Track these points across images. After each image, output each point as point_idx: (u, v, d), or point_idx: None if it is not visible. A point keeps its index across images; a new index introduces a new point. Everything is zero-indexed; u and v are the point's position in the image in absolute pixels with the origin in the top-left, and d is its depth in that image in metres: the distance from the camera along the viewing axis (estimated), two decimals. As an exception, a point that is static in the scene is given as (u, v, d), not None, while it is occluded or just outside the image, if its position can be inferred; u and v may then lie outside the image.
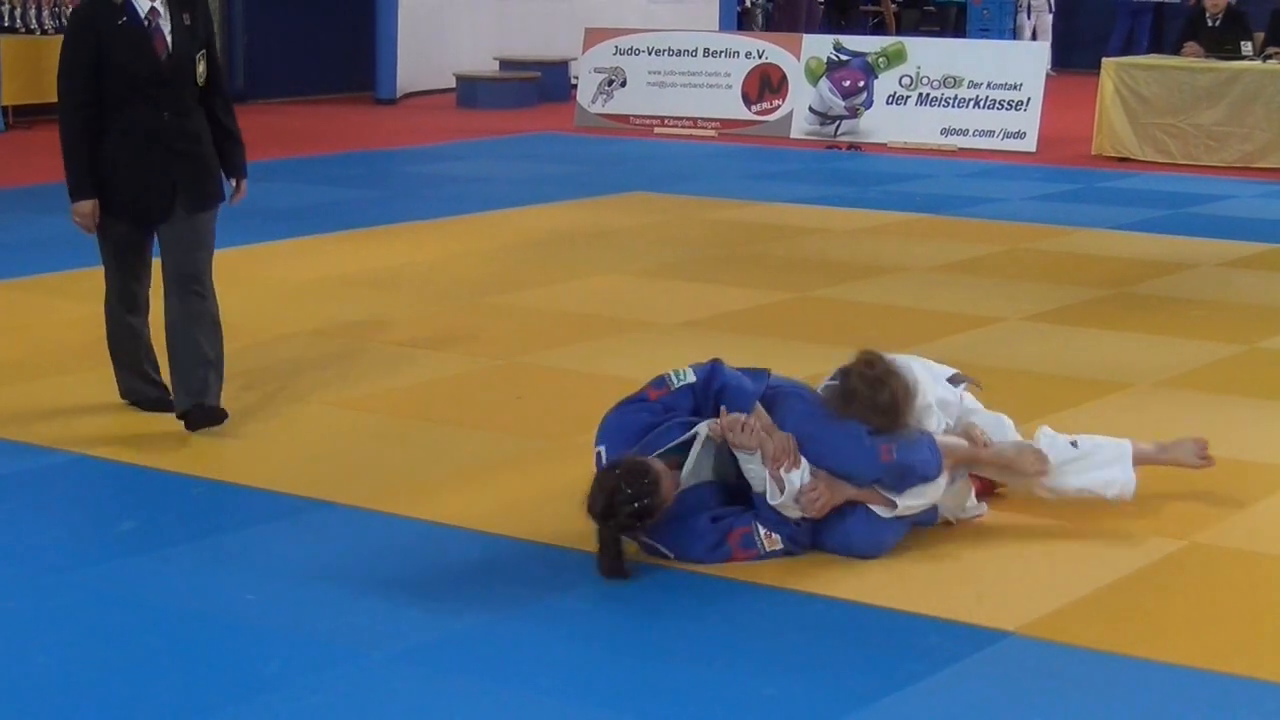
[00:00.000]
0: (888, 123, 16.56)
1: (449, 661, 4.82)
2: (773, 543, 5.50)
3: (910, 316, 9.06)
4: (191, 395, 6.73)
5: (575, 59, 19.17)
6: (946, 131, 16.35)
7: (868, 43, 17.57)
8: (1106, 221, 12.21)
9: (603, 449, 5.60)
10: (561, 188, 13.58)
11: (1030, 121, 16.11)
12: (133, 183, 6.72)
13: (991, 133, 16.20)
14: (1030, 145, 16.00)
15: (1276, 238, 11.55)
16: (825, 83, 16.87)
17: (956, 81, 16.44)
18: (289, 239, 11.03)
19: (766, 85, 17.21)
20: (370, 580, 5.37)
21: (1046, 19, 24.48)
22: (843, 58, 16.89)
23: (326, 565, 5.51)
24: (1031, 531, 5.86)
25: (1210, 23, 16.06)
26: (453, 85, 20.06)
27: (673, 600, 5.28)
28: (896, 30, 25.00)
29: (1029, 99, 16.15)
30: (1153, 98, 15.29)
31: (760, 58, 17.30)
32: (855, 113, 16.74)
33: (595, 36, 18.11)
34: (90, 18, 6.70)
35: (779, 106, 17.12)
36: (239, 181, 7.04)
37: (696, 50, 17.63)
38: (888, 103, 16.64)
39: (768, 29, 23.83)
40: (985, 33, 23.55)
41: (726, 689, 4.67)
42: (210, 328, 6.81)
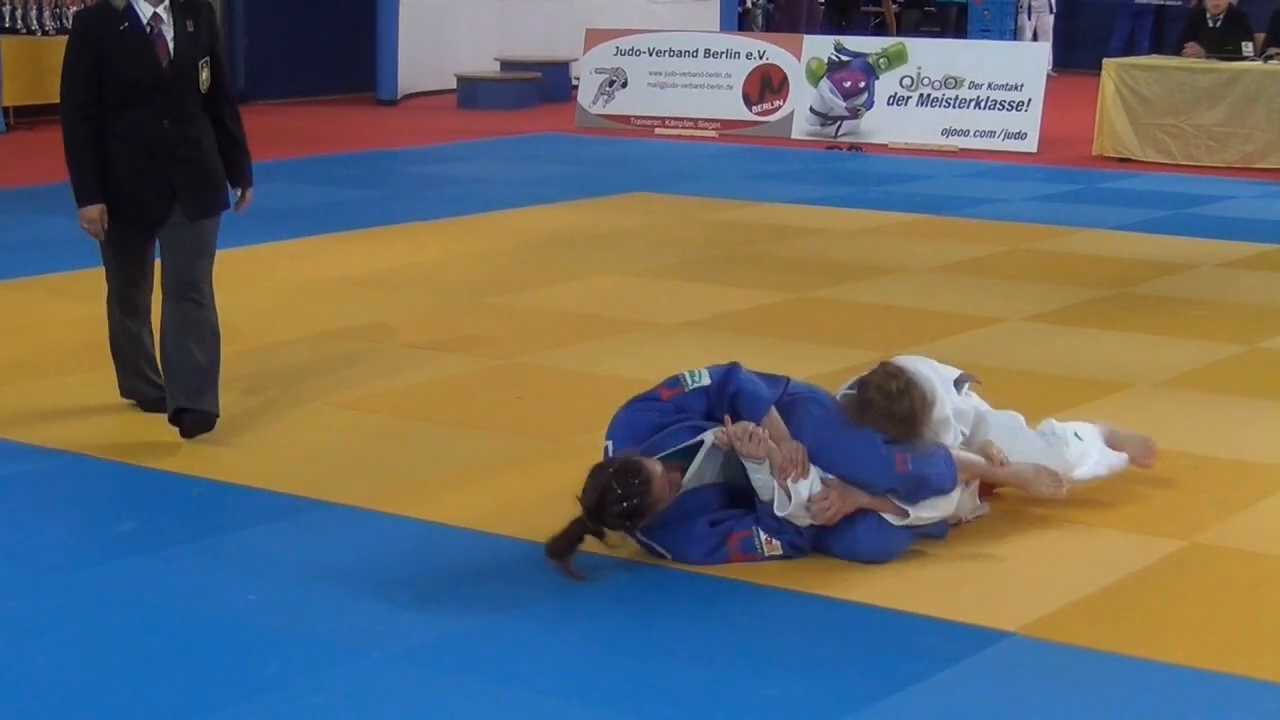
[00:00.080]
0: (888, 123, 16.56)
1: (449, 661, 4.82)
2: (773, 548, 5.49)
3: (911, 317, 9.06)
4: (179, 400, 6.67)
5: (576, 60, 19.17)
6: (947, 132, 16.35)
7: (868, 43, 17.58)
8: (1107, 222, 12.21)
9: (610, 444, 5.60)
10: (562, 188, 13.57)
11: (1031, 122, 16.10)
12: (132, 187, 6.69)
13: (992, 133, 16.20)
14: (1031, 146, 16.00)
15: (1277, 238, 11.54)
16: (826, 83, 16.87)
17: (957, 82, 16.44)
18: (290, 240, 11.03)
19: (767, 86, 17.21)
20: (370, 580, 5.37)
21: (1047, 19, 24.47)
22: (843, 58, 16.90)
23: (326, 565, 5.51)
24: (1031, 532, 5.85)
25: (1211, 23, 16.05)
26: (453, 86, 20.06)
27: (673, 600, 5.28)
28: (897, 31, 25.00)
29: (1030, 99, 16.15)
30: (1154, 98, 15.29)
31: (761, 58, 17.30)
32: (856, 113, 16.74)
33: (596, 37, 18.11)
34: (92, 23, 6.68)
35: (780, 107, 17.12)
36: (244, 190, 6.99)
37: (697, 51, 17.63)
38: (889, 103, 16.64)
39: (768, 30, 23.82)
40: (986, 33, 23.54)
41: (727, 689, 4.67)
42: (207, 336, 6.74)
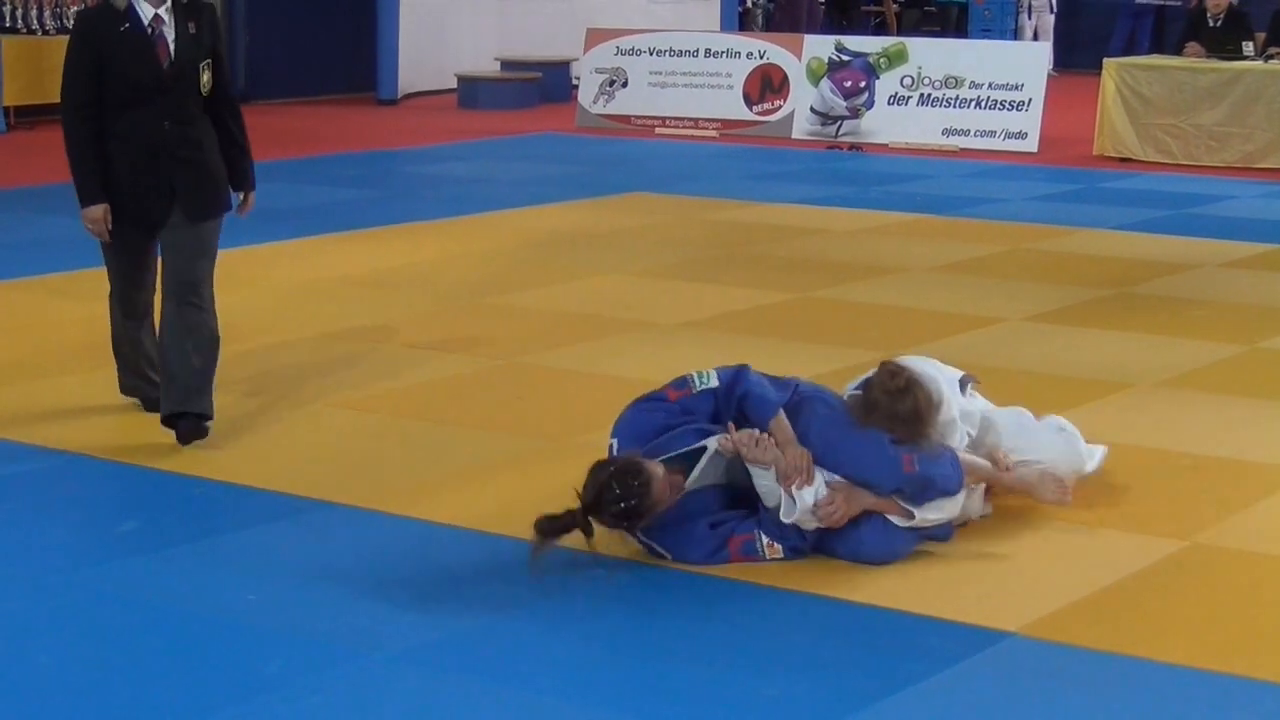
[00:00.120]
0: (889, 123, 16.56)
1: (449, 661, 4.82)
2: (774, 552, 5.49)
3: (911, 317, 9.06)
4: (173, 404, 6.64)
5: (576, 59, 19.17)
6: (948, 132, 16.35)
7: (869, 43, 17.58)
8: (1108, 222, 12.21)
9: (615, 442, 5.60)
10: (562, 188, 13.57)
11: (1032, 122, 16.10)
12: (132, 188, 6.66)
13: (993, 133, 16.20)
14: (1032, 145, 16.00)
15: (1277, 238, 11.54)
16: (826, 83, 16.87)
17: (958, 82, 16.43)
18: (290, 239, 11.02)
19: (768, 85, 17.21)
20: (370, 580, 5.37)
21: (1048, 19, 24.47)
22: (844, 58, 16.90)
23: (326, 565, 5.51)
24: (1031, 531, 5.85)
25: (1212, 23, 16.05)
26: (454, 86, 20.06)
27: (673, 600, 5.28)
28: (898, 30, 25.01)
29: (1030, 99, 16.15)
30: (1154, 98, 15.29)
31: (761, 58, 17.30)
32: (856, 113, 16.74)
33: (596, 37, 18.11)
34: (93, 23, 6.66)
35: (780, 107, 17.12)
36: (247, 194, 6.96)
37: (698, 51, 17.63)
38: (889, 103, 16.64)
39: (769, 29, 23.83)
40: (987, 33, 23.55)
41: (727, 689, 4.67)
42: (205, 340, 6.68)
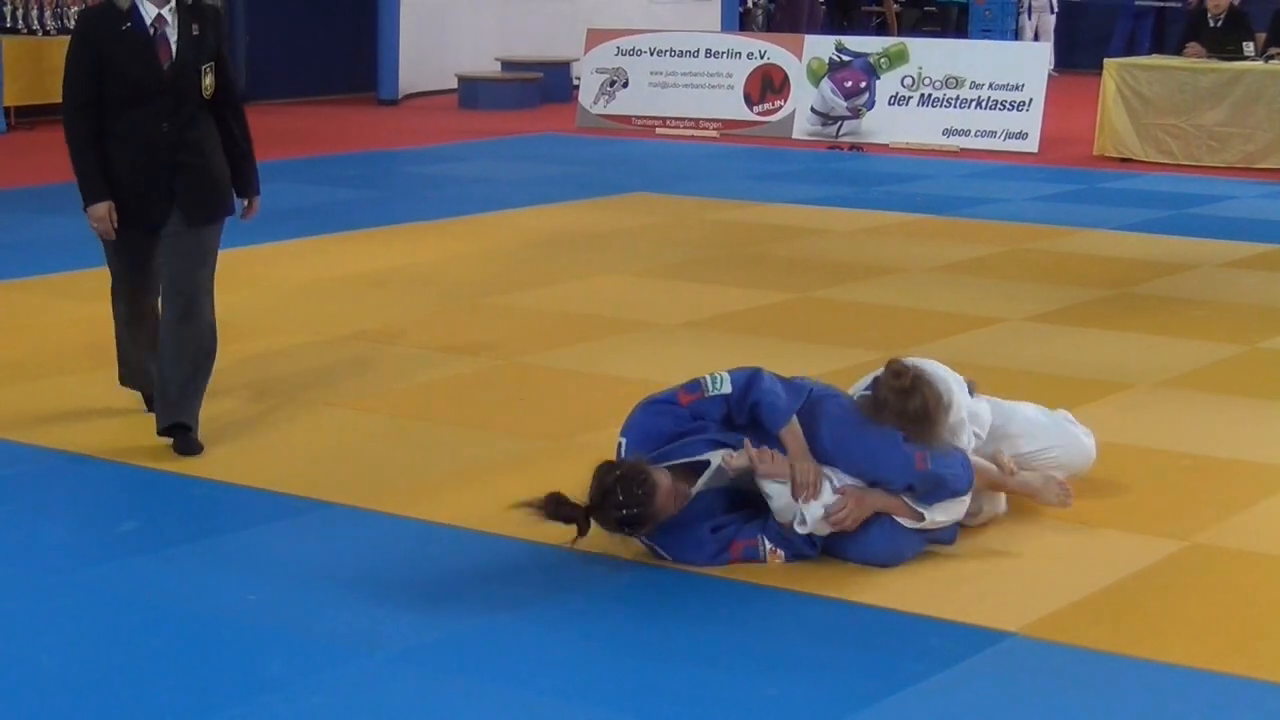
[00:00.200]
0: (889, 123, 16.56)
1: (449, 662, 4.82)
2: (776, 557, 5.49)
3: (911, 317, 9.05)
4: (163, 416, 6.60)
5: (577, 60, 19.17)
6: (948, 132, 16.34)
7: (869, 43, 17.58)
8: (1108, 222, 12.20)
9: (624, 441, 5.59)
10: (563, 188, 13.57)
11: (1032, 122, 16.10)
12: (132, 189, 6.58)
13: (993, 133, 16.19)
14: (1032, 146, 16.00)
15: (1278, 238, 11.54)
16: (827, 83, 16.87)
17: (958, 82, 16.43)
18: (290, 239, 11.02)
19: (768, 86, 17.21)
20: (370, 580, 5.37)
21: (1048, 19, 24.48)
22: (844, 58, 16.89)
23: (326, 565, 5.51)
24: (1031, 531, 5.85)
25: (1212, 23, 16.04)
26: (454, 86, 20.06)
27: (673, 600, 5.28)
28: (898, 30, 25.00)
29: (1031, 99, 16.14)
30: (1155, 98, 15.29)
31: (762, 58, 17.30)
32: (857, 113, 16.74)
33: (597, 37, 18.10)
34: (94, 22, 6.58)
35: (781, 107, 17.12)
36: (251, 199, 6.88)
37: (698, 51, 17.63)
38: (889, 103, 16.64)
39: (769, 29, 23.83)
40: (987, 33, 23.53)
41: (727, 689, 4.67)
42: (198, 352, 6.61)
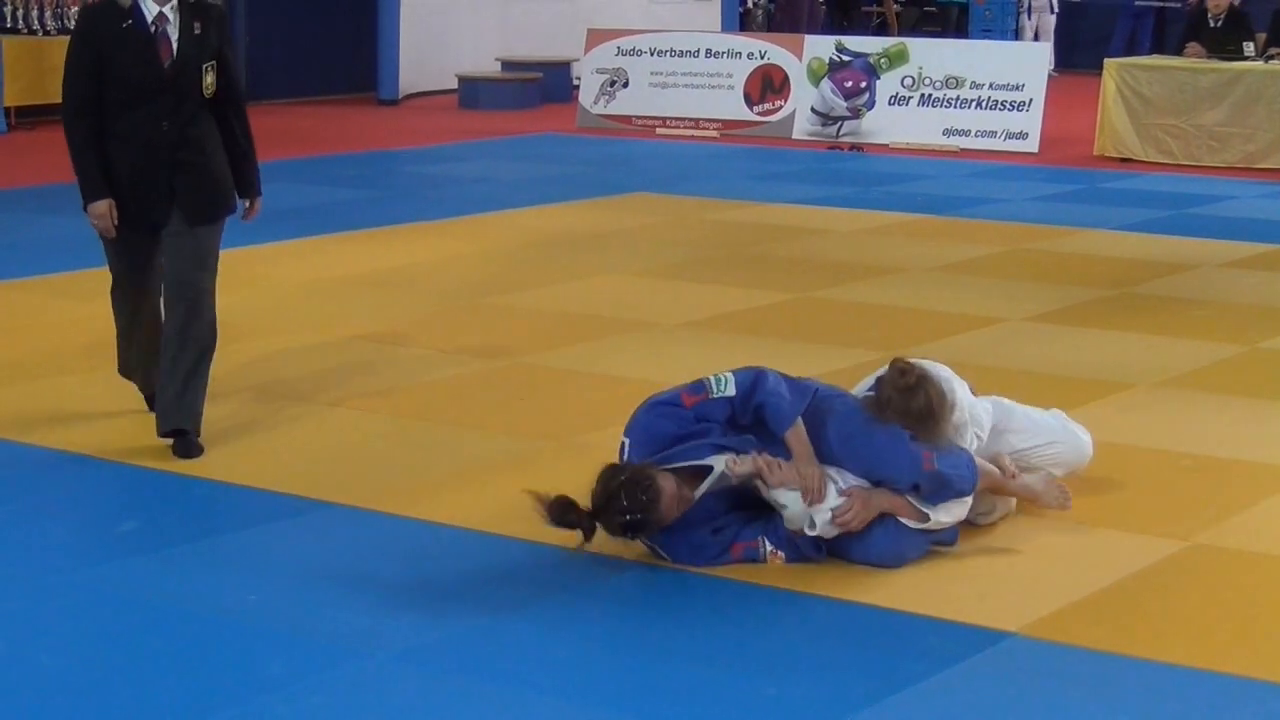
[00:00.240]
0: (890, 123, 16.56)
1: (449, 662, 4.82)
2: (777, 559, 5.48)
3: (912, 317, 9.05)
4: (163, 421, 6.59)
5: (577, 60, 19.17)
6: (948, 132, 16.35)
7: (870, 43, 17.58)
8: (1108, 222, 12.20)
9: (628, 442, 5.58)
10: (563, 188, 13.57)
11: (1032, 122, 16.10)
12: (132, 189, 6.54)
13: (993, 133, 16.19)
14: (1032, 146, 16.00)
15: (1278, 238, 11.54)
16: (827, 83, 16.87)
17: (958, 82, 16.43)
18: (290, 239, 11.02)
19: (768, 86, 17.21)
20: (370, 580, 5.37)
21: (1049, 19, 24.48)
22: (845, 58, 16.90)
23: (326, 565, 5.51)
24: (1031, 531, 5.85)
25: (1212, 23, 16.05)
26: (455, 86, 20.06)
27: (673, 600, 5.28)
28: (898, 31, 25.00)
29: (1031, 99, 16.14)
30: (1155, 98, 15.29)
31: (762, 58, 17.30)
32: (857, 113, 16.74)
33: (597, 37, 18.10)
34: (94, 20, 6.54)
35: (781, 107, 17.12)
36: (252, 200, 6.83)
37: (698, 51, 17.63)
38: (890, 103, 16.64)
39: (769, 30, 23.83)
40: (987, 33, 23.55)
41: (727, 689, 4.66)
42: (201, 353, 6.58)
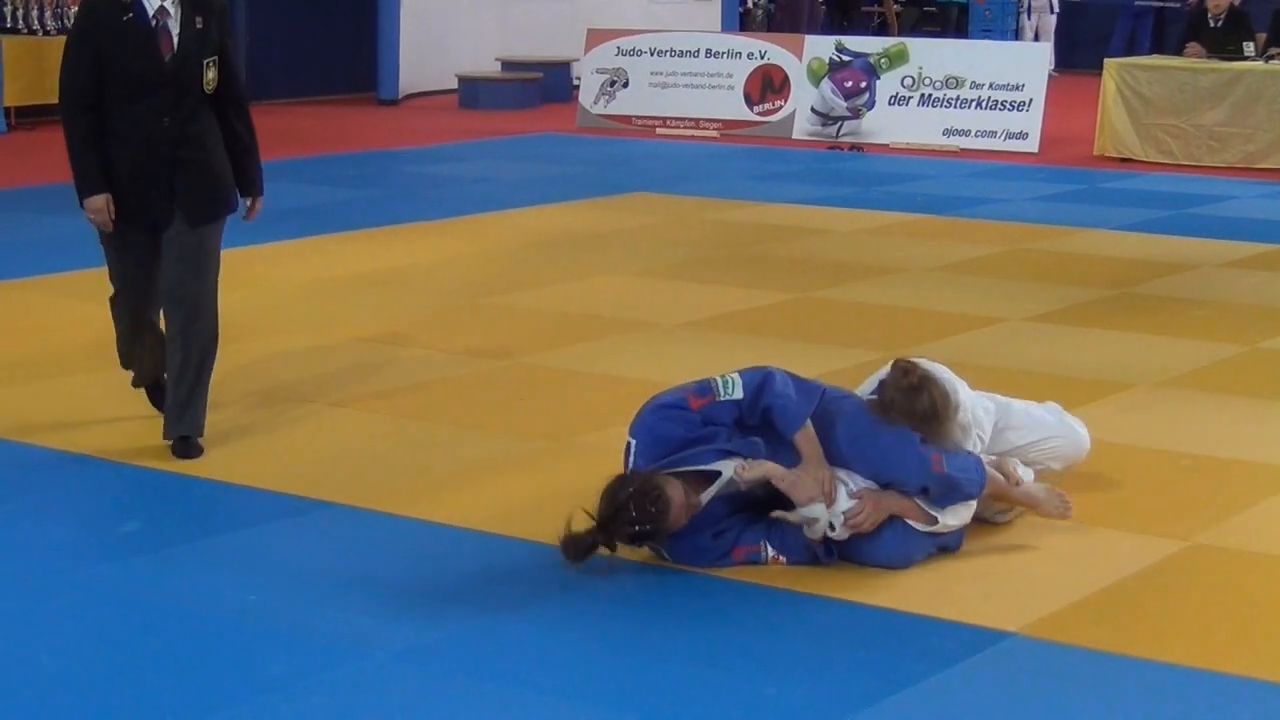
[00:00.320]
0: (890, 123, 16.56)
1: (449, 662, 4.82)
2: (778, 562, 5.48)
3: (912, 317, 9.05)
4: (174, 429, 6.57)
5: (577, 60, 19.17)
6: (949, 132, 16.34)
7: (870, 43, 17.58)
8: (1108, 222, 12.20)
9: (633, 444, 5.56)
10: (563, 188, 13.57)
11: (1032, 122, 16.10)
12: (133, 186, 6.47)
13: (994, 133, 16.19)
14: (1032, 146, 16.00)
15: (1278, 238, 11.54)
16: (827, 83, 16.87)
17: (958, 82, 16.43)
18: (290, 239, 11.01)
19: (768, 86, 17.21)
20: (370, 580, 5.37)
21: (1049, 19, 24.49)
22: (845, 58, 16.90)
23: (326, 565, 5.51)
24: (1032, 532, 5.85)
25: (1212, 23, 16.05)
26: (455, 86, 20.06)
27: (673, 600, 5.28)
28: (898, 31, 25.01)
29: (1031, 99, 16.14)
30: (1155, 98, 15.29)
31: (762, 58, 17.30)
32: (857, 113, 16.74)
33: (597, 37, 18.11)
34: (95, 13, 6.46)
35: (781, 107, 17.12)
36: (254, 199, 6.74)
37: (698, 51, 17.63)
38: (890, 103, 16.64)
39: (769, 30, 23.83)
40: (987, 33, 23.55)
41: (727, 689, 4.66)
42: (204, 356, 6.55)
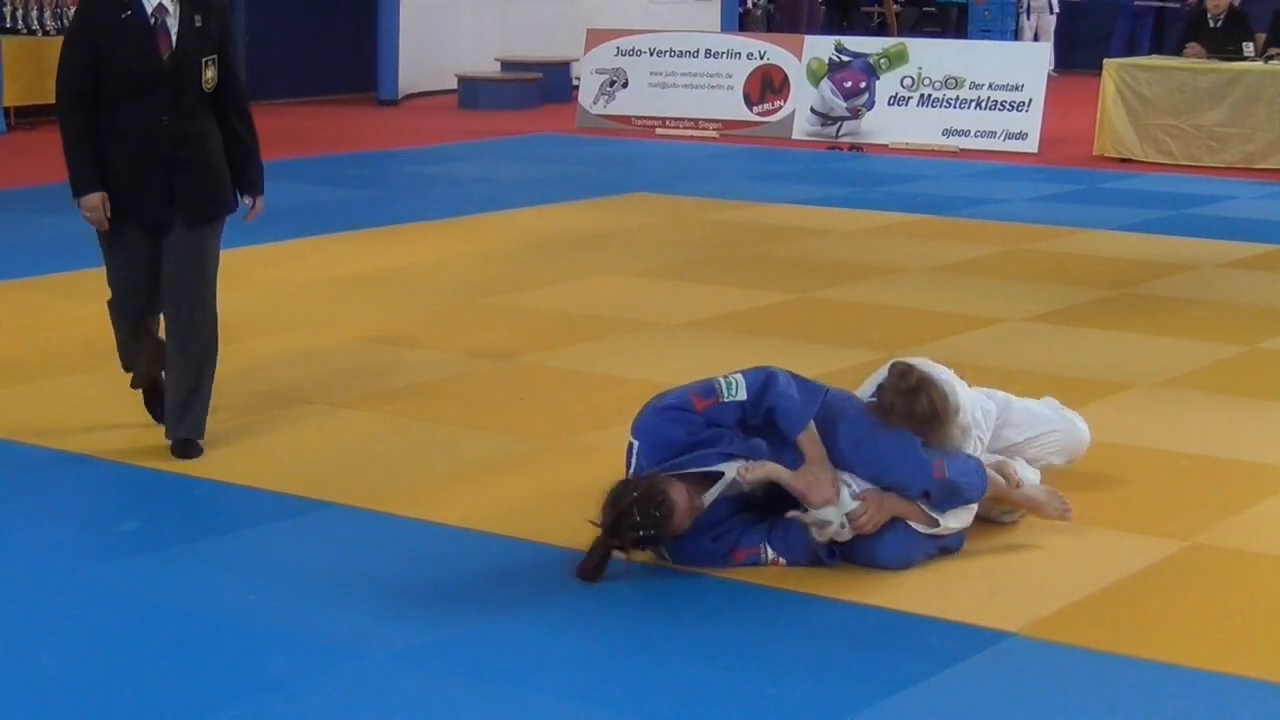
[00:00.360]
0: (889, 123, 16.56)
1: (449, 662, 4.82)
2: (779, 564, 5.48)
3: (911, 317, 9.05)
4: (175, 432, 6.57)
5: (577, 60, 19.17)
6: (948, 132, 16.35)
7: (869, 44, 17.58)
8: (1108, 222, 12.20)
9: (636, 445, 5.55)
10: (563, 188, 13.57)
11: (1032, 122, 16.10)
12: (131, 185, 6.44)
13: (993, 133, 16.19)
14: (1032, 146, 16.00)
15: (1278, 238, 11.54)
16: (827, 84, 16.87)
17: (958, 82, 16.43)
18: (290, 239, 11.02)
19: (768, 86, 17.21)
20: (370, 580, 5.37)
21: (1048, 19, 24.49)
22: (844, 59, 16.90)
23: (326, 565, 5.51)
24: (1032, 532, 5.85)
25: (1212, 23, 16.05)
26: (454, 86, 20.06)
27: (673, 600, 5.28)
28: (898, 31, 25.01)
29: (1030, 100, 16.15)
30: (1154, 98, 15.29)
31: (762, 59, 17.30)
32: (857, 114, 16.74)
33: (596, 37, 18.11)
34: (93, 10, 6.43)
35: (780, 107, 17.12)
36: (255, 199, 6.70)
37: (698, 51, 17.63)
38: (889, 103, 16.64)
39: (769, 30, 23.83)
40: (987, 33, 23.57)
41: (727, 689, 4.66)
42: (205, 360, 6.55)
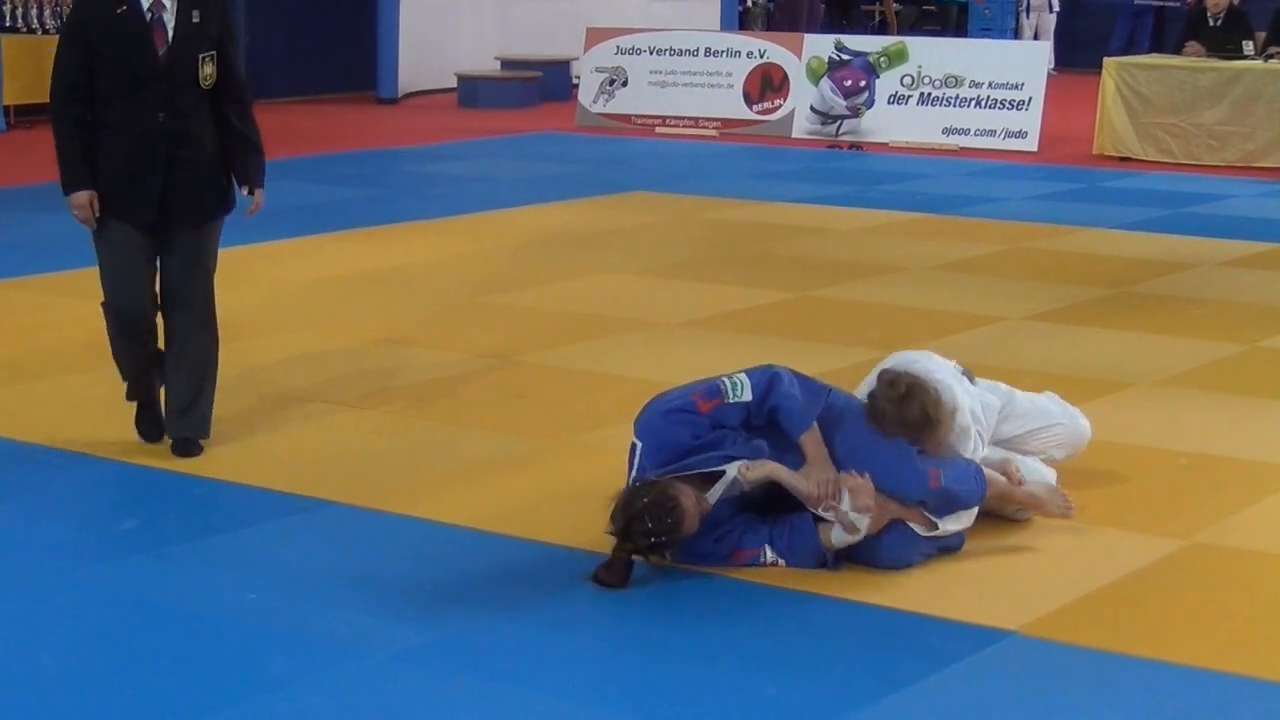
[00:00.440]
0: (889, 122, 16.56)
1: (449, 661, 4.82)
2: (780, 568, 5.48)
3: (911, 316, 9.05)
4: (178, 430, 6.56)
5: (577, 58, 19.17)
6: (948, 131, 16.35)
7: (869, 42, 17.58)
8: (1108, 221, 12.20)
9: (640, 445, 5.54)
10: (563, 187, 13.57)
11: (1032, 121, 16.10)
12: (127, 184, 6.38)
13: (993, 132, 16.19)
14: (1032, 145, 16.00)
15: (1277, 237, 11.54)
16: (827, 82, 16.87)
17: (958, 81, 16.43)
18: (290, 238, 11.02)
19: (768, 85, 17.21)
20: (370, 580, 5.37)
21: (1048, 18, 24.49)
22: (844, 57, 16.90)
23: (326, 565, 5.51)
24: (1032, 531, 5.85)
25: (1212, 22, 16.05)
26: (454, 85, 20.06)
27: (673, 600, 5.28)
28: (898, 30, 25.01)
29: (1030, 98, 16.14)
30: (1154, 97, 15.29)
31: (761, 57, 17.30)
32: (857, 112, 16.74)
33: (596, 36, 18.11)
34: (89, 6, 6.39)
35: (780, 106, 17.12)
36: (255, 191, 6.63)
37: (698, 50, 17.63)
38: (889, 102, 16.64)
39: (769, 29, 23.83)
40: (987, 32, 23.56)
41: (728, 689, 4.66)
42: (207, 364, 6.54)
